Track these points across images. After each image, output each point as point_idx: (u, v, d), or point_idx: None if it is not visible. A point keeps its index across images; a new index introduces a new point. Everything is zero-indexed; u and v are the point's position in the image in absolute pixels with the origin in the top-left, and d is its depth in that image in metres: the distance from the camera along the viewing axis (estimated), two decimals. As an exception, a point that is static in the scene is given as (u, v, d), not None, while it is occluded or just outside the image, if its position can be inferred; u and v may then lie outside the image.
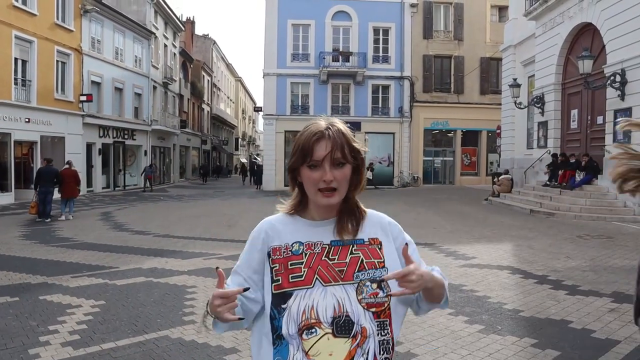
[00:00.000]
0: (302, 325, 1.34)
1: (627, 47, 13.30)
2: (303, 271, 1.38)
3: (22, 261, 8.19)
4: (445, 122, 30.42)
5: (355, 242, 1.44)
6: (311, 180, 1.38)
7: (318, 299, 1.36)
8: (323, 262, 1.40)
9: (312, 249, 1.42)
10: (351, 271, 1.39)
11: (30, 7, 19.90)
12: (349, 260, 1.40)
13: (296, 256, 1.41)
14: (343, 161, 1.39)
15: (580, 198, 14.08)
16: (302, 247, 1.42)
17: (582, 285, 6.31)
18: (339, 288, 1.37)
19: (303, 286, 1.37)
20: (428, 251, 8.81)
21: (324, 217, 1.46)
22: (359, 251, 1.42)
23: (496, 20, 30.53)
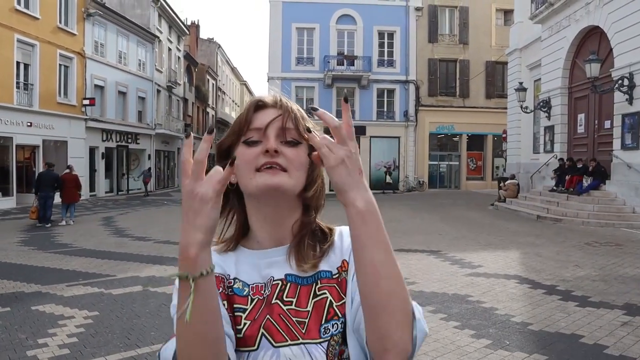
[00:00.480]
0: None
1: (635, 50, 13.07)
2: (243, 324, 0.95)
3: (18, 268, 8.03)
4: (451, 126, 30.21)
5: (320, 275, 0.98)
6: (247, 159, 0.93)
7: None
8: (275, 308, 0.95)
9: (261, 291, 0.97)
10: (316, 324, 0.94)
11: (33, 10, 19.84)
12: (311, 308, 0.95)
13: (240, 298, 0.97)
14: (297, 139, 0.95)
15: (588, 204, 13.83)
16: (247, 289, 0.98)
17: (592, 296, 6.09)
18: (298, 350, 0.92)
19: (244, 347, 0.93)
20: (433, 259, 8.60)
21: (275, 240, 1.00)
22: (326, 289, 0.97)
23: (502, 23, 30.33)
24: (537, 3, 18.97)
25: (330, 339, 0.93)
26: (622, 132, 13.73)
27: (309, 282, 0.97)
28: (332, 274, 0.98)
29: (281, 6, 29.02)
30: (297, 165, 0.94)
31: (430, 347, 4.43)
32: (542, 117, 18.85)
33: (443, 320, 5.21)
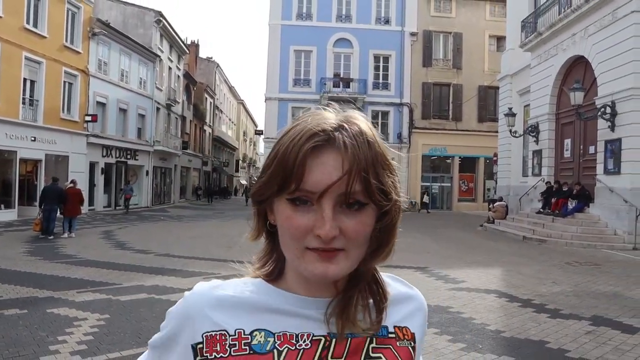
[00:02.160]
0: None
1: (617, 80, 13.79)
2: None
3: (28, 276, 8.49)
4: (444, 148, 30.94)
5: (375, 334, 0.80)
6: (293, 228, 0.72)
7: None
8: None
9: (293, 343, 0.76)
10: None
11: (41, 29, 20.52)
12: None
13: (260, 356, 0.74)
14: (364, 201, 0.72)
15: (572, 225, 14.42)
16: (272, 340, 0.76)
17: (563, 309, 6.61)
18: None
19: None
20: (419, 275, 9.12)
21: (314, 292, 0.79)
22: (380, 352, 0.79)
23: (494, 50, 31.27)
24: (527, 32, 19.79)
25: None
26: (605, 157, 14.39)
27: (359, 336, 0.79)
28: (388, 332, 0.81)
29: (280, 29, 29.89)
30: (360, 242, 0.74)
31: (411, 348, 4.93)
32: (531, 141, 19.54)
33: (425, 327, 5.71)
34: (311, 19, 30.31)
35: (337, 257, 0.72)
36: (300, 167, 0.70)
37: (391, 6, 30.82)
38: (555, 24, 16.92)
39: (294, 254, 0.74)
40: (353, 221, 0.72)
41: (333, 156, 0.71)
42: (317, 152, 0.71)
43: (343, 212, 0.71)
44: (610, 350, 4.96)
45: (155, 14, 31.25)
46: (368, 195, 0.71)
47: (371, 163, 0.72)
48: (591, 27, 15.07)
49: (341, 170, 0.70)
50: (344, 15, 30.56)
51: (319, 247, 0.71)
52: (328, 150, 0.71)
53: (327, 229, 0.69)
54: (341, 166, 0.70)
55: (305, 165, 0.70)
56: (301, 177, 0.70)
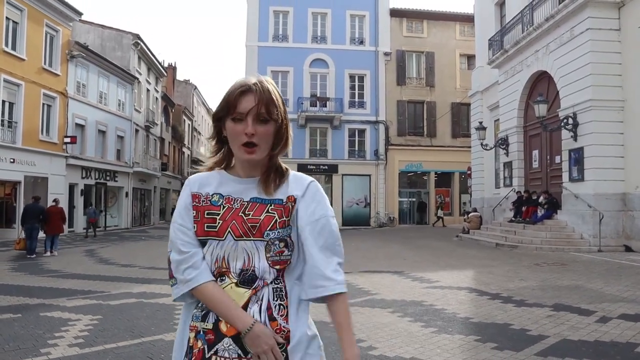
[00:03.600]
0: (215, 272, 1.45)
1: (577, 92, 14.60)
2: (217, 223, 1.44)
3: (17, 288, 8.69)
4: (419, 164, 31.65)
5: (274, 201, 1.47)
6: (234, 133, 1.43)
7: (229, 250, 1.43)
8: (239, 218, 1.43)
9: (232, 203, 1.46)
10: (263, 229, 1.42)
11: (19, 52, 20.75)
12: (263, 218, 1.44)
13: (214, 207, 1.46)
14: (267, 117, 1.43)
15: (542, 231, 15.06)
16: (222, 200, 1.47)
17: (528, 299, 7.11)
18: (249, 243, 1.43)
19: (215, 237, 1.43)
20: (396, 277, 9.57)
21: (249, 174, 1.50)
22: (275, 211, 1.45)
23: (465, 67, 32.28)
24: (494, 50, 20.69)
25: (269, 240, 1.43)
26: (570, 165, 15.12)
27: (265, 202, 1.47)
28: (283, 201, 1.47)
29: (257, 50, 30.50)
30: (266, 139, 1.44)
31: (386, 333, 5.37)
32: (502, 154, 20.30)
33: (399, 317, 6.15)
34: (287, 40, 31.01)
35: (255, 150, 1.44)
36: (235, 101, 1.43)
37: (365, 27, 31.71)
38: (520, 42, 17.81)
39: (236, 148, 1.45)
40: (262, 127, 1.44)
41: (251, 95, 1.43)
42: (243, 93, 1.43)
43: (257, 124, 1.43)
44: (567, 328, 5.45)
45: (132, 36, 31.61)
46: (269, 115, 1.44)
47: (270, 100, 1.44)
48: (552, 43, 15.94)
49: (255, 102, 1.42)
50: (319, 37, 31.33)
51: (246, 141, 1.42)
52: (249, 93, 1.43)
53: (249, 129, 1.42)
54: (254, 100, 1.42)
55: (238, 100, 1.43)
56: (236, 106, 1.43)
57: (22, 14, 20.98)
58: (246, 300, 1.41)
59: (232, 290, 1.42)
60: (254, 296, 1.42)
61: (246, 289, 1.42)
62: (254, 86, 1.43)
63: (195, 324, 1.45)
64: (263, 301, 1.42)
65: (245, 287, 1.42)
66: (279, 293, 1.45)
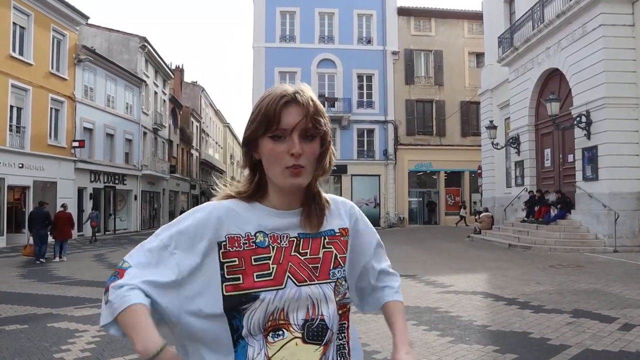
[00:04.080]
0: (269, 326, 1.14)
1: (590, 90, 14.33)
2: (272, 268, 1.16)
3: (24, 296, 8.61)
4: (429, 163, 31.41)
5: (326, 233, 1.25)
6: (275, 154, 1.16)
7: (290, 300, 1.16)
8: (294, 258, 1.19)
9: (279, 242, 1.20)
10: (326, 268, 1.22)
11: (27, 57, 20.75)
12: (322, 256, 1.22)
13: (262, 249, 1.18)
14: (315, 133, 1.18)
15: (555, 232, 14.81)
16: (267, 239, 1.19)
17: (546, 305, 6.91)
18: (314, 288, 1.19)
19: (273, 287, 1.15)
20: (409, 281, 9.37)
21: (288, 204, 1.24)
22: (331, 245, 1.25)
23: (474, 66, 31.99)
24: (503, 47, 20.42)
25: (336, 281, 1.22)
26: (583, 164, 14.86)
27: (317, 236, 1.24)
28: (335, 232, 1.27)
29: (264, 51, 30.40)
30: (313, 160, 1.19)
31: (401, 343, 5.18)
32: (513, 152, 20.04)
33: (414, 325, 5.97)
34: (294, 41, 30.89)
35: (301, 173, 1.17)
36: (278, 115, 1.16)
37: (372, 26, 31.52)
38: (530, 39, 17.54)
39: (277, 172, 1.17)
40: (309, 146, 1.17)
41: (296, 108, 1.16)
42: (287, 105, 1.16)
43: (303, 142, 1.17)
44: (589, 337, 5.25)
45: (139, 39, 31.61)
46: (316, 130, 1.18)
47: (316, 112, 1.18)
48: (563, 40, 15.67)
49: (301, 115, 1.16)
50: (326, 37, 31.18)
51: (292, 164, 1.15)
52: (293, 104, 1.17)
53: (297, 148, 1.15)
54: (301, 113, 1.16)
55: (281, 113, 1.16)
56: (279, 120, 1.15)
57: (29, 19, 20.98)
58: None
59: (297, 348, 1.15)
60: (324, 356, 1.18)
61: (317, 345, 1.17)
62: (298, 95, 1.17)
63: None
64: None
65: (315, 343, 1.17)
66: (342, 351, 1.24)
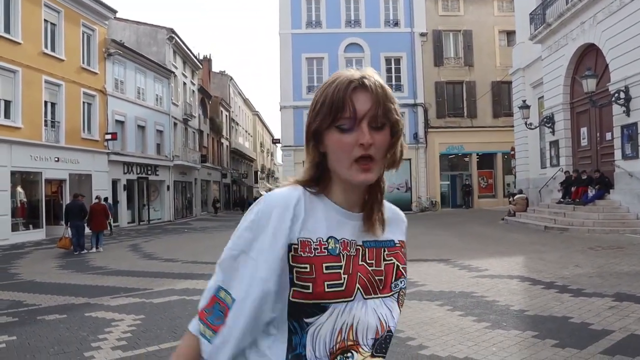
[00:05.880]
0: (337, 348, 1.06)
1: (629, 64, 13.77)
2: (343, 278, 1.07)
3: (63, 286, 8.81)
4: (460, 146, 30.92)
5: (386, 244, 1.18)
6: (342, 146, 1.06)
7: (359, 315, 1.08)
8: (362, 268, 1.11)
9: (348, 249, 1.11)
10: (389, 281, 1.15)
11: (59, 53, 21.13)
12: (384, 268, 1.15)
13: (334, 257, 1.08)
14: (385, 121, 1.08)
15: (593, 213, 14.38)
16: (339, 246, 1.10)
17: (587, 288, 6.69)
18: (379, 302, 1.12)
19: (343, 298, 1.07)
20: (443, 266, 9.24)
21: (351, 204, 1.15)
22: (392, 256, 1.18)
23: (505, 44, 31.21)
24: (535, 24, 19.81)
25: (399, 292, 1.17)
26: (622, 142, 14.35)
27: (379, 246, 1.16)
28: (395, 243, 1.20)
29: (291, 38, 30.26)
30: (383, 151, 1.09)
31: (436, 329, 5.09)
32: (547, 132, 19.51)
33: (449, 310, 5.86)
34: (321, 26, 30.64)
35: (371, 167, 1.07)
36: (349, 101, 1.06)
37: (399, 8, 31.01)
38: (564, 14, 16.95)
39: (345, 166, 1.08)
40: (379, 135, 1.07)
41: (365, 94, 1.07)
42: (356, 92, 1.07)
43: (372, 131, 1.06)
44: (633, 321, 5.05)
45: (167, 31, 31.85)
46: (387, 118, 1.08)
47: (386, 99, 1.08)
48: (599, 14, 15.08)
49: (371, 103, 1.07)
50: (353, 21, 30.83)
51: (362, 154, 1.05)
52: (361, 91, 1.07)
53: (367, 138, 1.05)
54: (370, 100, 1.07)
55: (352, 99, 1.06)
56: (347, 109, 1.06)
57: (59, 16, 21.31)
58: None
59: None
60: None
61: (382, 357, 1.13)
62: (366, 80, 1.08)
63: None
64: None
65: (381, 355, 1.13)
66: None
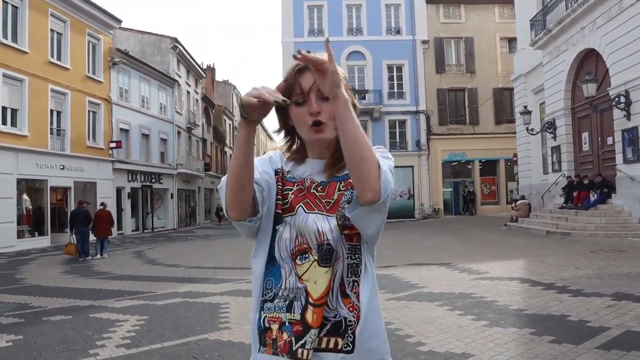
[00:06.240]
0: (296, 250, 1.38)
1: (629, 69, 13.86)
2: (289, 198, 1.41)
3: (68, 290, 8.91)
4: (463, 153, 30.97)
5: (342, 177, 1.41)
6: (299, 116, 1.37)
7: (301, 224, 1.37)
8: (310, 195, 1.41)
9: (303, 184, 1.43)
10: (336, 206, 1.38)
11: (64, 62, 21.38)
12: (336, 197, 1.39)
13: (289, 183, 1.44)
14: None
15: (595, 217, 14.42)
16: (295, 179, 1.45)
17: (586, 289, 6.74)
18: (321, 217, 1.37)
19: (289, 213, 1.40)
20: (444, 269, 9.30)
21: (319, 156, 1.45)
22: (347, 186, 1.39)
23: (506, 51, 31.32)
24: (536, 30, 19.93)
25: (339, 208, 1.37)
26: (624, 146, 14.40)
27: (335, 180, 1.42)
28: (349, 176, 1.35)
29: (293, 46, 30.36)
30: (331, 116, 1.32)
31: (435, 327, 5.16)
32: (549, 138, 19.58)
33: (448, 310, 5.93)
34: (323, 35, 30.83)
35: (323, 129, 1.37)
36: (294, 82, 1.37)
37: (401, 16, 31.22)
38: (564, 20, 17.07)
39: (304, 131, 1.40)
40: (327, 104, 1.32)
41: (308, 73, 1.33)
42: (300, 72, 1.36)
43: (321, 101, 1.35)
44: (630, 318, 5.11)
45: (171, 40, 32.14)
46: None
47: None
48: (599, 19, 15.20)
49: (314, 79, 1.30)
50: (354, 29, 31.05)
51: (313, 120, 1.36)
52: (305, 70, 1.35)
53: (314, 107, 1.36)
54: (313, 76, 1.29)
55: (296, 80, 1.37)
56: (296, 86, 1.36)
57: (65, 25, 21.59)
58: (328, 281, 1.36)
59: (315, 270, 1.36)
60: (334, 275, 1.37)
61: (327, 267, 1.36)
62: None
63: (279, 315, 1.37)
64: (336, 277, 1.38)
65: (325, 266, 1.36)
66: (354, 269, 1.39)
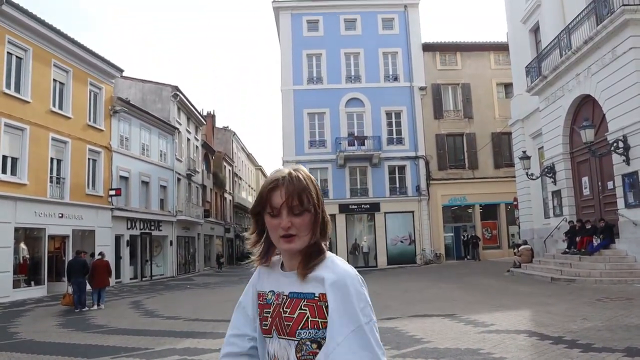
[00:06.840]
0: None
1: (626, 114, 13.96)
2: (268, 321, 1.51)
3: (62, 346, 8.66)
4: (463, 197, 30.91)
5: (307, 296, 1.45)
6: (271, 227, 1.46)
7: (273, 349, 1.49)
8: (279, 314, 1.48)
9: (278, 299, 1.50)
10: (295, 328, 1.43)
11: (66, 111, 21.60)
12: (296, 316, 1.44)
13: (268, 305, 1.53)
14: (300, 209, 1.43)
15: (600, 263, 14.23)
16: (273, 298, 1.52)
17: (596, 343, 6.55)
18: (284, 342, 1.46)
19: (267, 335, 1.52)
20: (448, 321, 9.07)
21: (291, 265, 1.52)
22: (307, 307, 1.44)
23: (503, 96, 31.71)
24: (532, 76, 20.22)
25: (300, 341, 1.42)
26: (624, 191, 14.35)
27: (299, 297, 1.46)
28: (314, 296, 1.43)
29: (292, 94, 30.86)
30: (304, 230, 1.44)
31: (443, 388, 4.96)
32: (549, 182, 19.55)
33: (456, 368, 5.73)
34: (322, 82, 31.30)
35: (293, 239, 1.45)
36: (267, 198, 1.45)
37: (398, 64, 31.76)
38: (559, 67, 17.33)
39: (275, 239, 1.48)
40: (298, 219, 1.43)
41: (278, 192, 1.44)
42: (272, 190, 1.45)
43: (293, 216, 1.43)
44: None
45: (172, 88, 32.60)
46: (302, 206, 1.43)
47: (301, 190, 1.44)
48: (593, 66, 15.42)
49: (285, 197, 1.42)
50: (353, 76, 31.52)
51: (284, 234, 1.44)
52: (276, 190, 1.44)
53: (284, 223, 1.43)
54: (285, 195, 1.42)
55: (269, 196, 1.45)
56: (269, 202, 1.45)
57: (68, 75, 21.93)
58: None
59: None
60: None
61: None
62: (283, 180, 1.45)
63: None
64: None
65: None
66: None
